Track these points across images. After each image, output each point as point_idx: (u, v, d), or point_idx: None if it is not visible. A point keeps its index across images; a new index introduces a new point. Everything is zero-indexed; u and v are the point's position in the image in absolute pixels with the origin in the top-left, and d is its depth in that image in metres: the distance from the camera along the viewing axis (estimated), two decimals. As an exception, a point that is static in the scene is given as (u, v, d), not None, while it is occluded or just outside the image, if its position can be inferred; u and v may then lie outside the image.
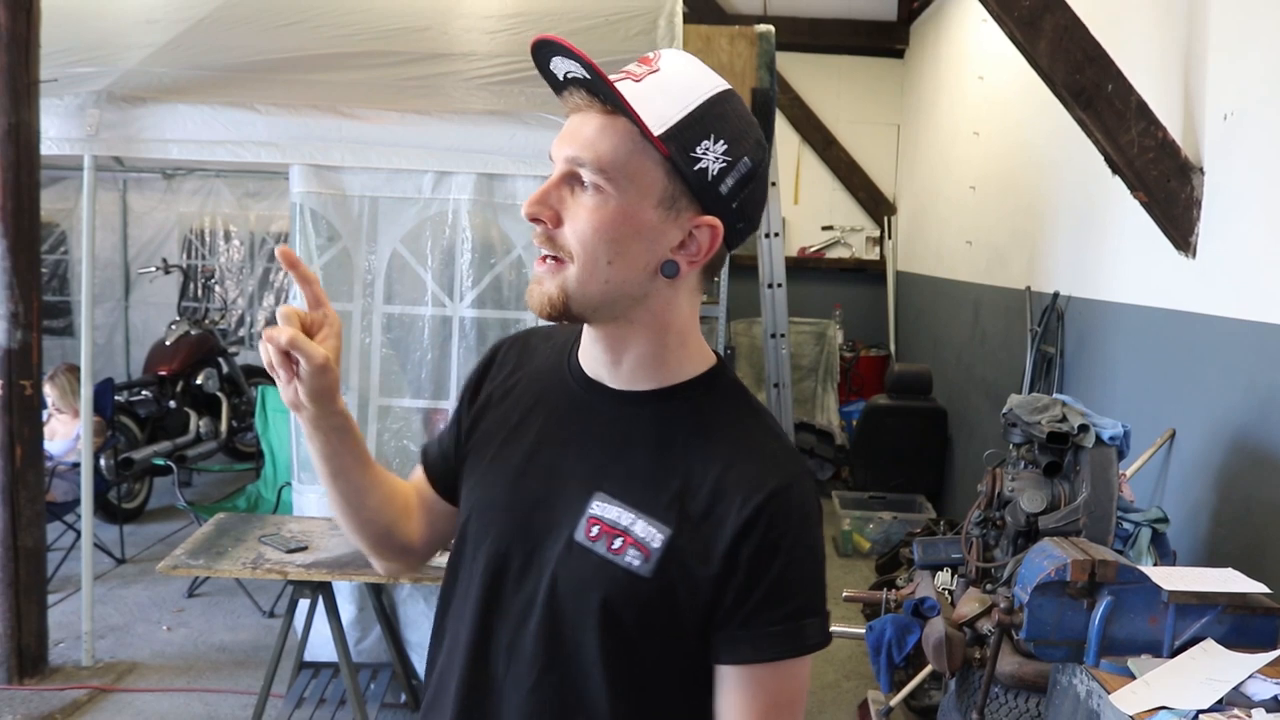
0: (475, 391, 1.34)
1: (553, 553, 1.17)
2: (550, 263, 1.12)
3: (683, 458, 1.15)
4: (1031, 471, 3.05)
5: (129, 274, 7.41)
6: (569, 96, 1.11)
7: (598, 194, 1.10)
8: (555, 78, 1.11)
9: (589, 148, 1.09)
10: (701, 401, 1.19)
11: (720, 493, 1.12)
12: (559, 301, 1.12)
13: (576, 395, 1.23)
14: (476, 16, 4.57)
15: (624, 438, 1.19)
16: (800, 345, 7.80)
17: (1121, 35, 3.64)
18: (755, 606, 1.11)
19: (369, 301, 4.00)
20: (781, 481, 1.13)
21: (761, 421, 1.21)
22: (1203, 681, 2.02)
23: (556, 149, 1.12)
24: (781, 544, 1.11)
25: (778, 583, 1.11)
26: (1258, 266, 2.98)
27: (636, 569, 1.12)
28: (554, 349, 1.31)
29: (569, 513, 1.17)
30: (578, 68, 1.07)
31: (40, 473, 4.04)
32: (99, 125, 3.88)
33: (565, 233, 1.11)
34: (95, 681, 3.98)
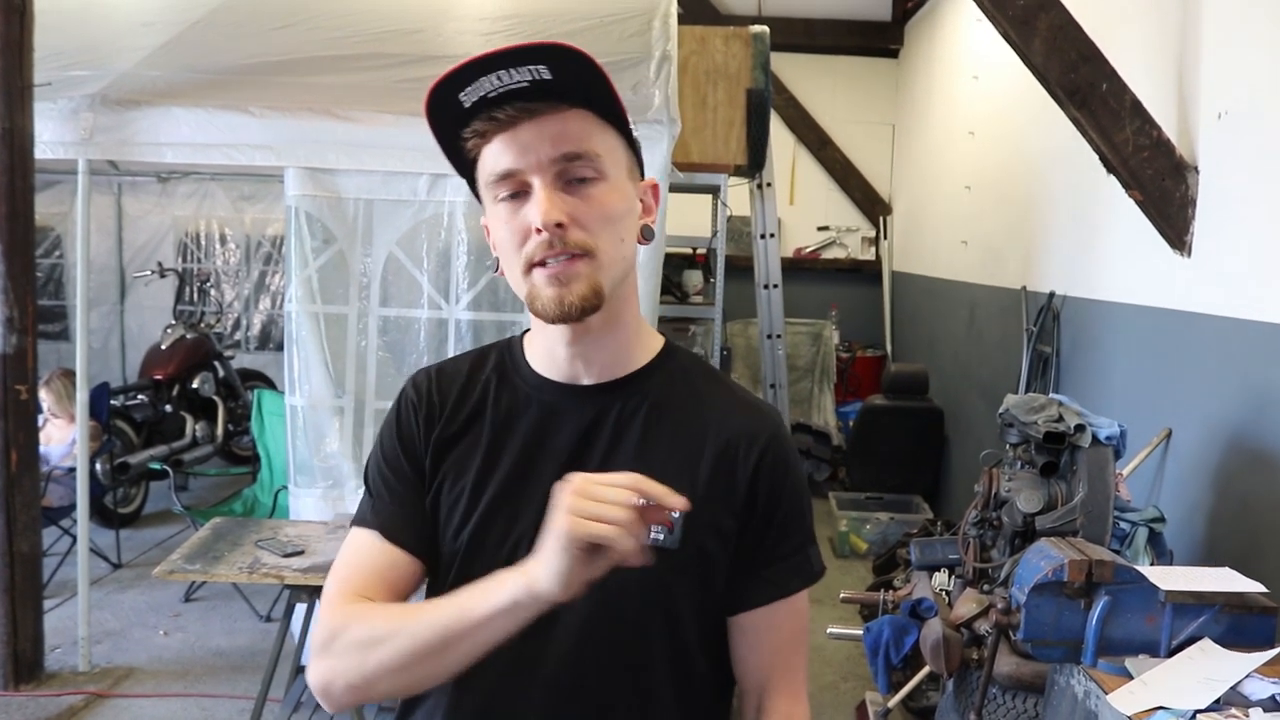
0: (421, 437, 1.25)
1: None
2: (567, 261, 1.10)
3: (678, 427, 1.21)
4: (1028, 471, 3.05)
5: (124, 278, 7.41)
6: (498, 112, 1.09)
7: (599, 181, 1.12)
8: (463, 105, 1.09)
9: (574, 141, 1.10)
10: (674, 375, 1.25)
11: (724, 449, 1.20)
12: (596, 292, 1.12)
13: (550, 402, 1.23)
14: (470, 19, 4.57)
15: (612, 426, 1.21)
16: (796, 346, 7.80)
17: (1116, 34, 3.64)
18: (772, 543, 1.23)
19: (364, 304, 3.99)
20: (774, 427, 1.25)
21: (728, 381, 1.32)
22: (1200, 681, 2.02)
23: (521, 158, 1.10)
24: (785, 482, 1.23)
25: (787, 518, 1.24)
26: (1252, 265, 2.98)
27: (664, 543, 1.11)
28: (485, 373, 1.28)
29: None
30: (527, 71, 1.05)
31: (36, 478, 4.03)
32: (93, 129, 3.88)
33: (577, 228, 1.10)
34: (92, 687, 3.97)
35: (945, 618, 2.84)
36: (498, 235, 1.16)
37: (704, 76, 5.06)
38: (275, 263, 7.51)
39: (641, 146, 1.22)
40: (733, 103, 5.07)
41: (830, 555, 6.09)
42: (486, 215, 1.19)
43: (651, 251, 3.77)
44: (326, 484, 3.99)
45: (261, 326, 7.72)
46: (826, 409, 7.78)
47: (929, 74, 7.83)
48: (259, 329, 7.72)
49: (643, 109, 3.81)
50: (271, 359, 7.40)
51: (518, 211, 1.12)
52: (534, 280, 1.12)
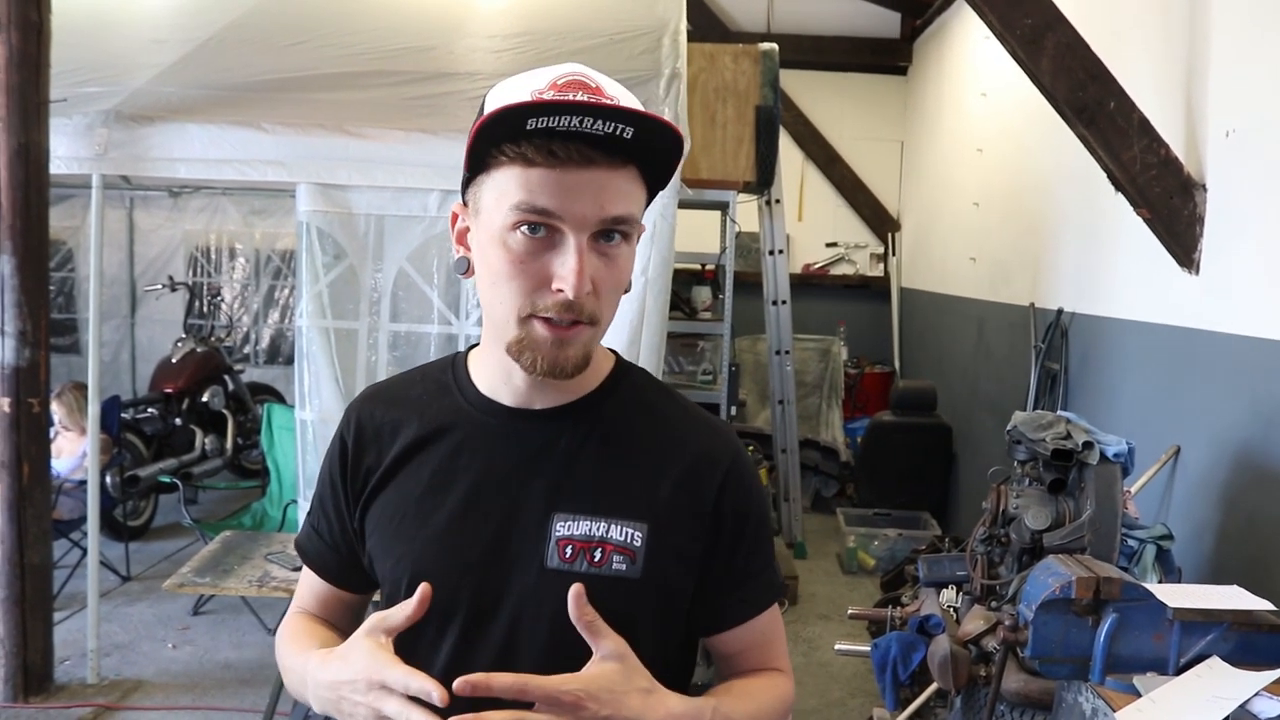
0: (355, 469, 1.24)
1: (526, 587, 1.13)
2: (573, 326, 1.06)
3: (635, 450, 1.18)
4: (1036, 489, 3.05)
5: (135, 291, 7.44)
6: (557, 146, 1.01)
7: (624, 245, 1.08)
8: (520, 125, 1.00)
9: (622, 205, 1.05)
10: (627, 394, 1.22)
11: (686, 471, 1.17)
12: (587, 359, 1.10)
13: (500, 428, 1.18)
14: (481, 36, 4.60)
15: (567, 453, 1.16)
16: (804, 362, 7.80)
17: (1123, 52, 3.66)
18: (743, 562, 1.20)
19: (375, 319, 4.01)
20: (734, 446, 1.23)
21: (683, 399, 1.28)
22: (1208, 699, 2.01)
23: (564, 204, 1.02)
24: (750, 501, 1.21)
25: (753, 538, 1.21)
26: (1261, 282, 2.98)
27: (625, 573, 1.12)
28: (429, 395, 1.24)
29: (530, 544, 1.14)
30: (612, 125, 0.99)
31: (47, 490, 4.05)
32: (107, 144, 3.91)
33: (593, 299, 1.06)
34: (100, 699, 3.97)
35: (953, 634, 2.84)
36: (497, 261, 1.06)
37: (713, 94, 5.09)
38: (285, 277, 7.54)
39: None
40: (742, 120, 5.10)
41: (838, 571, 6.08)
42: (477, 223, 1.10)
43: (660, 268, 3.79)
44: (335, 498, 3.99)
45: (271, 341, 7.75)
46: (834, 425, 7.77)
47: (937, 91, 7.86)
48: (268, 343, 7.75)
49: (652, 126, 3.83)
50: (280, 373, 7.43)
51: (537, 253, 1.04)
52: (532, 330, 1.06)
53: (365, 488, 1.23)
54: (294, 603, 1.37)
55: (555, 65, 1.08)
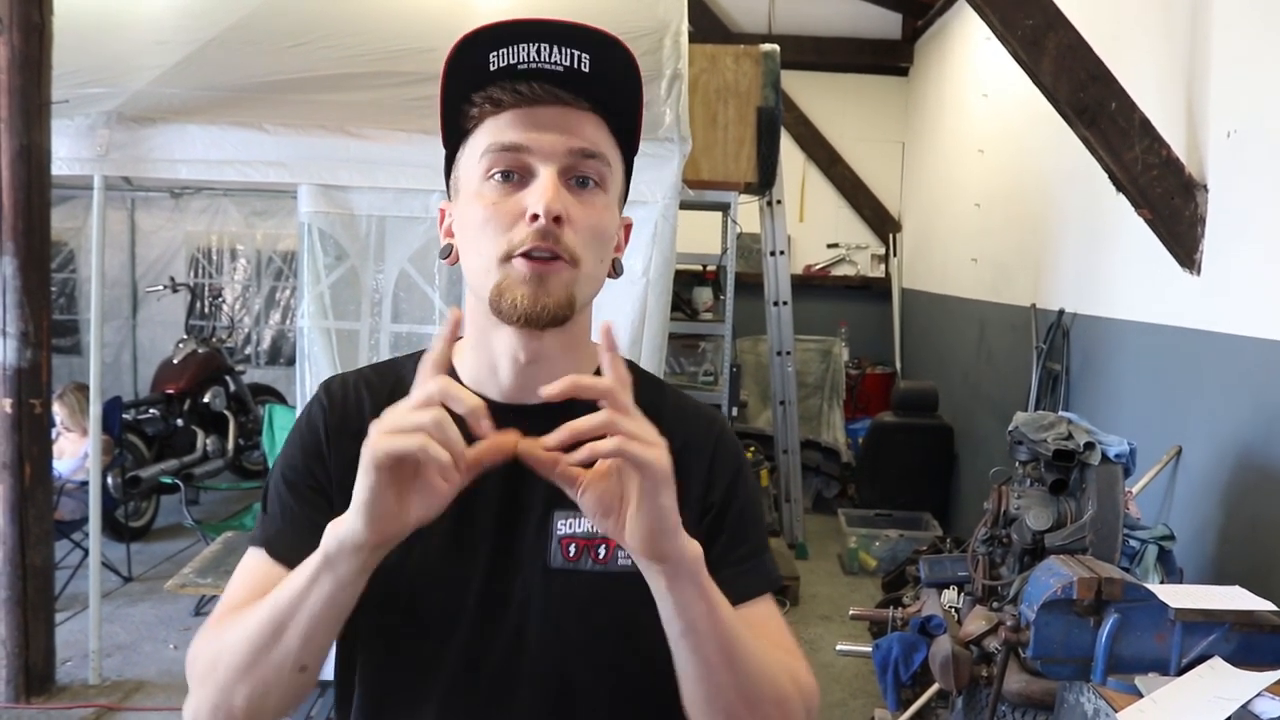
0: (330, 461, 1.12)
1: (531, 589, 1.09)
2: (553, 260, 1.02)
3: None
4: (1037, 489, 3.05)
5: (136, 292, 7.45)
6: (521, 85, 1.01)
7: (599, 192, 1.06)
8: (486, 67, 1.01)
9: (592, 140, 1.04)
10: None
11: (677, 455, 1.07)
12: (570, 302, 1.04)
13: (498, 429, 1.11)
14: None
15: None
16: (806, 363, 7.80)
17: (1124, 53, 3.66)
18: (724, 548, 1.12)
19: (376, 320, 4.02)
20: (720, 427, 1.19)
21: (671, 389, 1.23)
22: (1210, 700, 2.02)
23: (534, 136, 1.02)
24: (738, 481, 1.16)
25: (740, 520, 1.15)
26: (1262, 283, 2.98)
27: (631, 567, 1.03)
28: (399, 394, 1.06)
29: (532, 544, 1.10)
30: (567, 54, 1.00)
31: (49, 491, 4.05)
32: (109, 145, 3.92)
33: (570, 231, 1.02)
34: (102, 700, 3.98)
35: (954, 635, 2.84)
36: (473, 216, 1.04)
37: (715, 94, 5.10)
38: (286, 278, 7.55)
39: (652, 165, 1.18)
40: (743, 121, 5.10)
41: (839, 572, 6.08)
42: (458, 197, 1.09)
43: (662, 269, 3.79)
44: (337, 499, 4.00)
45: (272, 342, 7.75)
46: (836, 426, 7.77)
47: (939, 92, 7.86)
48: (269, 344, 7.75)
49: (653, 127, 3.84)
50: (282, 374, 7.43)
51: (511, 194, 1.03)
52: (511, 270, 1.02)
53: (339, 471, 1.11)
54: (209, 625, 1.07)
55: None
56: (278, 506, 1.12)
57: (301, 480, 1.12)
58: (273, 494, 1.13)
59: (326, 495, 1.11)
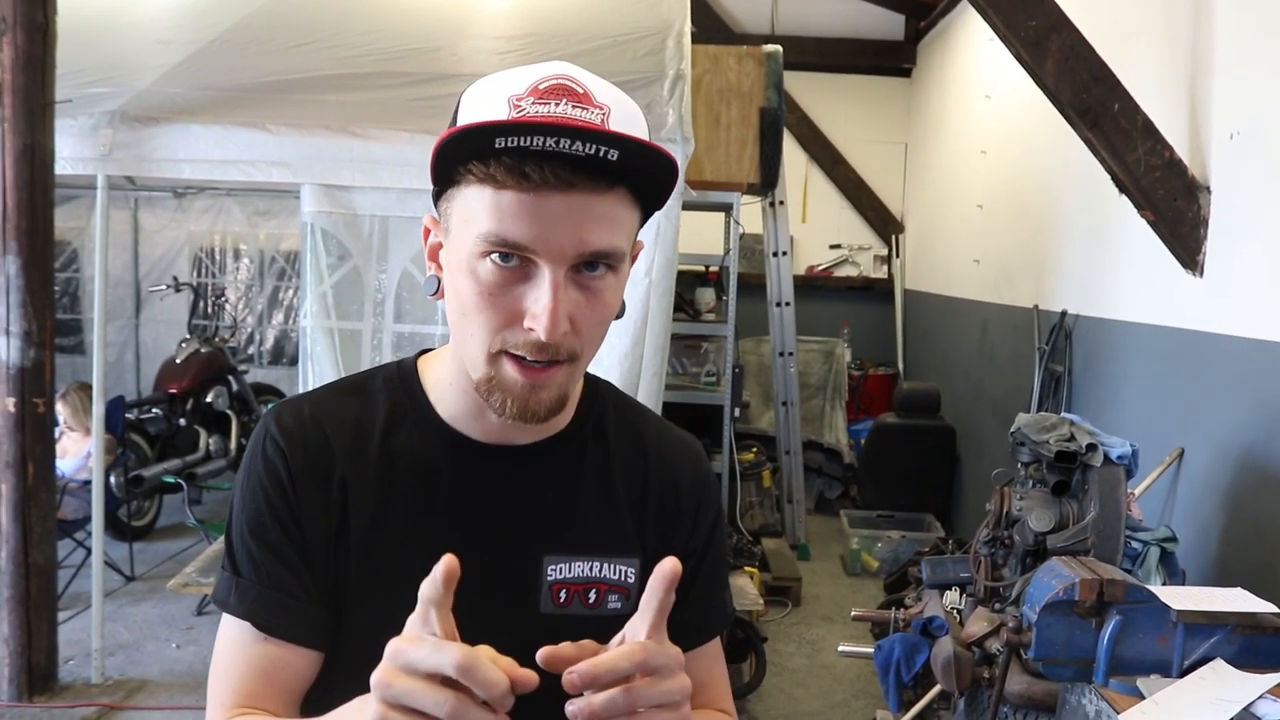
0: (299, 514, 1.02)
1: (518, 635, 0.94)
2: (549, 368, 0.94)
3: (620, 482, 1.10)
4: (1040, 490, 3.05)
5: (139, 292, 7.46)
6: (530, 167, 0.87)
7: (610, 275, 0.94)
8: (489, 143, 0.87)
9: (605, 237, 0.91)
10: (606, 421, 1.12)
11: (667, 497, 1.12)
12: (563, 401, 0.98)
13: (478, 465, 1.05)
14: (486, 38, 4.61)
15: (554, 491, 1.07)
16: (808, 363, 7.80)
17: (1127, 55, 3.66)
18: (703, 585, 1.13)
19: (379, 320, 4.02)
20: (704, 464, 1.17)
21: (653, 416, 1.19)
22: (1212, 702, 2.01)
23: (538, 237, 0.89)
24: (718, 522, 1.16)
25: (716, 561, 1.15)
26: (1265, 285, 2.98)
27: (622, 610, 1.05)
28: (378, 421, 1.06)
29: (523, 589, 1.05)
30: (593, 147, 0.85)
31: (51, 490, 4.06)
32: (112, 145, 3.92)
33: (572, 337, 0.94)
34: (104, 699, 3.98)
35: (956, 636, 2.84)
36: (465, 292, 0.94)
37: (717, 95, 5.10)
38: (289, 278, 7.56)
39: None
40: (746, 121, 5.10)
41: (841, 573, 6.08)
42: (448, 238, 0.97)
43: (664, 270, 3.79)
44: (339, 498, 4.00)
45: (275, 341, 7.76)
46: (838, 427, 7.77)
47: (941, 93, 7.86)
48: (272, 344, 7.76)
49: (656, 128, 3.84)
50: (284, 374, 7.44)
51: (509, 284, 0.91)
52: (502, 371, 0.94)
53: (329, 535, 1.03)
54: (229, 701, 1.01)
55: (541, 63, 0.94)
56: (250, 568, 1.02)
57: (272, 535, 1.02)
58: (240, 553, 1.03)
59: (299, 548, 1.02)
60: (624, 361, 3.74)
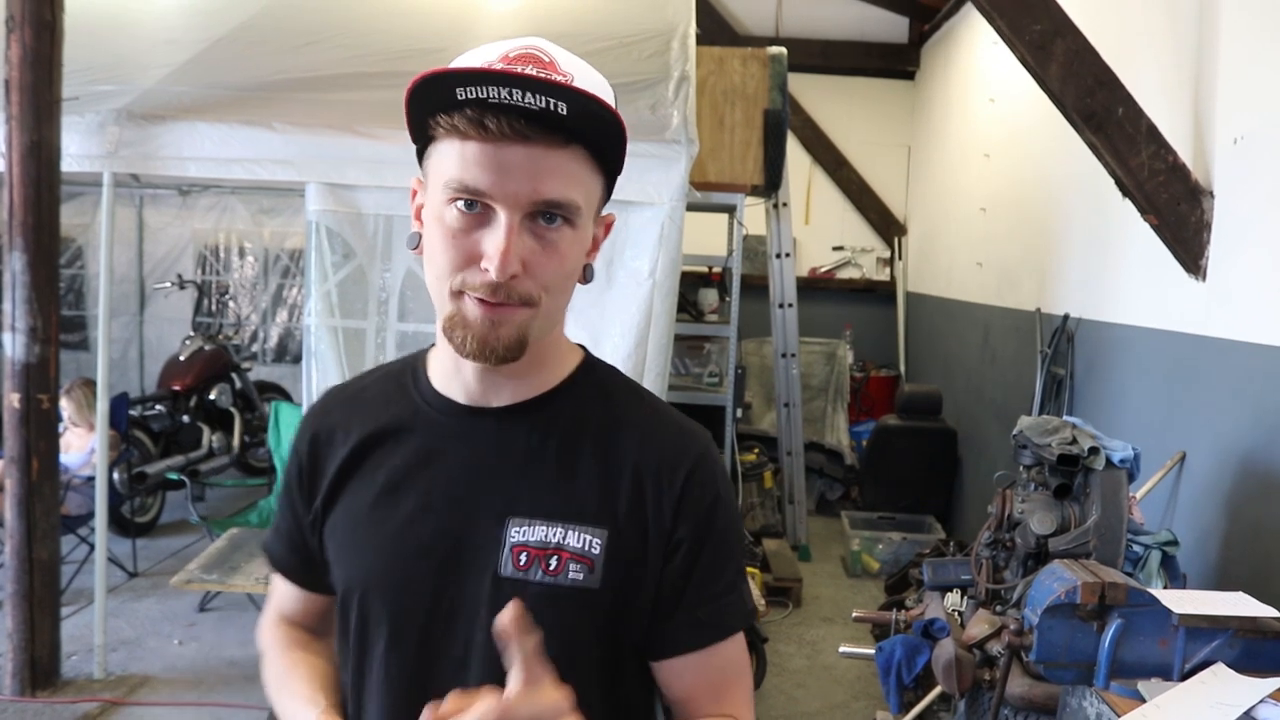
0: (312, 474, 1.18)
1: (479, 598, 1.06)
2: (506, 307, 1.00)
3: (595, 454, 1.09)
4: (1041, 493, 3.05)
5: (144, 289, 7.47)
6: (489, 119, 0.95)
7: (566, 229, 1.01)
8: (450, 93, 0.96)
9: (559, 188, 0.99)
10: (594, 392, 1.14)
11: (645, 475, 1.08)
12: (522, 345, 1.02)
13: (454, 428, 1.11)
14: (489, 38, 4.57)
15: (525, 454, 1.09)
16: (810, 365, 7.81)
17: (1131, 59, 3.66)
18: (700, 583, 1.09)
19: (383, 319, 4.03)
20: (700, 450, 1.12)
21: (651, 398, 1.18)
22: (1213, 705, 2.02)
23: (496, 183, 0.97)
24: (715, 512, 1.10)
25: (717, 553, 1.10)
26: (1268, 290, 2.99)
27: (584, 583, 1.04)
28: (385, 394, 1.18)
29: (484, 550, 1.07)
30: (544, 100, 0.93)
31: (55, 486, 4.07)
32: (118, 143, 3.93)
33: (528, 278, 1.00)
34: (107, 695, 3.99)
35: (957, 638, 2.85)
36: (433, 237, 1.03)
37: (722, 97, 5.11)
38: (293, 276, 7.57)
39: (659, 167, 1.12)
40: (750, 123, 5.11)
41: (842, 574, 6.09)
42: (425, 192, 1.07)
43: (668, 270, 3.79)
44: (342, 496, 4.01)
45: (279, 339, 7.77)
46: (840, 428, 7.78)
47: (945, 96, 7.86)
48: (276, 341, 7.77)
49: (660, 129, 3.84)
50: (288, 371, 7.45)
51: (470, 229, 0.99)
52: (463, 308, 1.01)
53: (319, 495, 1.17)
54: (271, 604, 1.30)
55: (519, 37, 1.04)
56: (281, 527, 1.25)
57: (295, 502, 1.21)
58: (277, 513, 1.26)
59: (308, 518, 1.20)
60: (627, 362, 3.74)
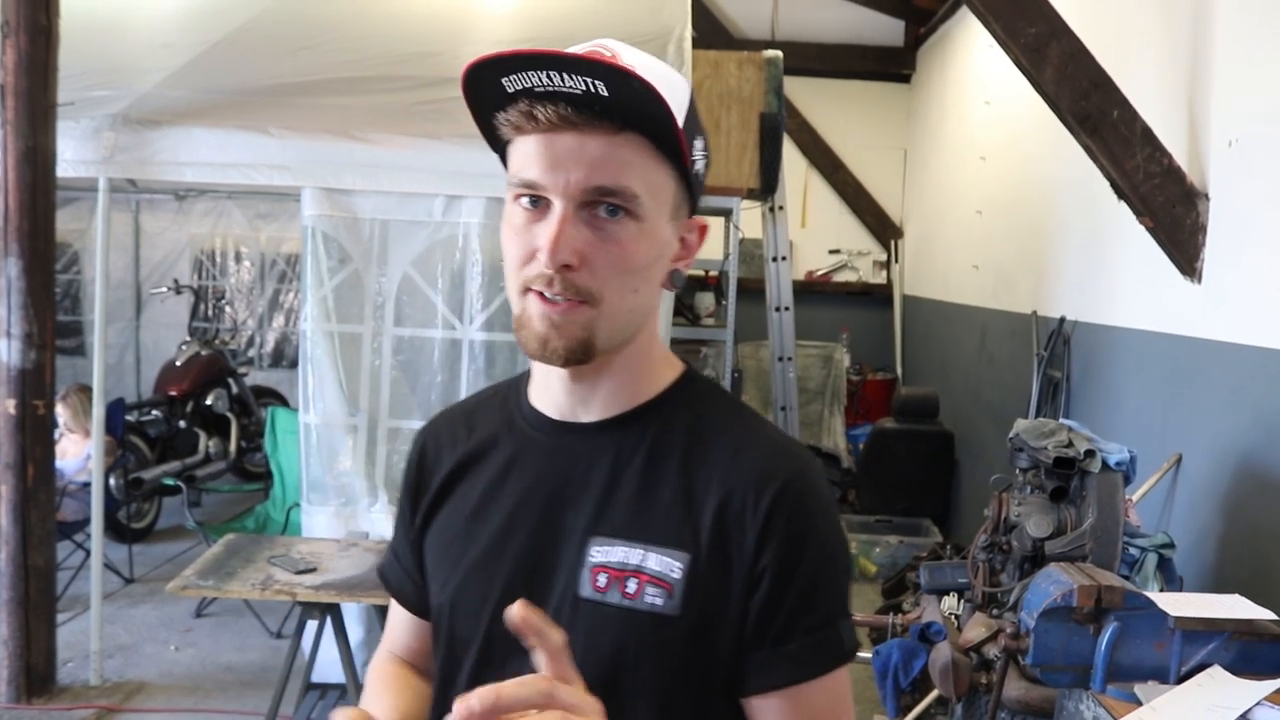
0: (416, 491, 1.18)
1: (560, 618, 1.00)
2: (566, 304, 0.97)
3: (682, 473, 1.04)
4: (1038, 496, 3.05)
5: (140, 294, 7.46)
6: (539, 109, 0.94)
7: (629, 222, 0.97)
8: (501, 88, 0.95)
9: (613, 173, 0.95)
10: (686, 409, 1.08)
11: (731, 498, 1.01)
12: (586, 345, 0.99)
13: (544, 443, 1.09)
14: (487, 42, 4.61)
15: (611, 471, 1.05)
16: (807, 368, 7.82)
17: (1126, 62, 3.67)
18: (789, 616, 1.00)
19: (379, 324, 4.03)
20: (795, 472, 1.03)
21: (750, 416, 1.11)
22: (1209, 708, 2.02)
23: (549, 172, 0.95)
24: (807, 540, 1.01)
25: (809, 585, 1.01)
26: (1263, 292, 2.99)
27: (661, 608, 0.99)
28: (491, 410, 1.17)
29: (567, 570, 1.04)
30: (582, 81, 0.91)
31: (51, 492, 4.06)
32: (114, 148, 3.93)
33: (587, 272, 0.97)
34: (103, 701, 3.98)
35: (954, 641, 2.85)
36: (504, 236, 1.02)
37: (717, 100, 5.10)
38: (289, 281, 7.56)
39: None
40: (746, 126, 5.10)
41: (840, 578, 6.07)
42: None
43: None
44: (339, 502, 4.01)
45: (275, 344, 7.77)
46: (837, 431, 7.78)
47: (941, 99, 7.87)
48: (273, 346, 7.77)
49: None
50: (285, 376, 7.45)
51: (531, 224, 0.98)
52: (527, 306, 0.99)
53: (420, 512, 1.17)
54: (385, 637, 1.28)
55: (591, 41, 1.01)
56: (396, 550, 1.24)
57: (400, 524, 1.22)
58: (394, 535, 1.25)
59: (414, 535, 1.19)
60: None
